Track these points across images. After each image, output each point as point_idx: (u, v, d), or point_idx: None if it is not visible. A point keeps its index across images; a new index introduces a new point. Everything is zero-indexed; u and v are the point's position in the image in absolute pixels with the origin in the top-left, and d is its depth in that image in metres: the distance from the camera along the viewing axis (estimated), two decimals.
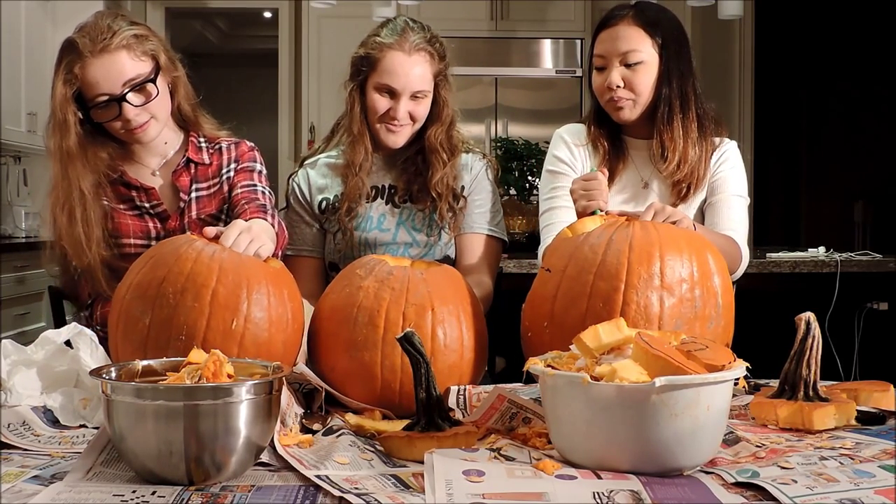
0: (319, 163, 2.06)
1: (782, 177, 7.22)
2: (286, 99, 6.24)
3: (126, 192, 1.86)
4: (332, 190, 2.02)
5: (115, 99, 1.74)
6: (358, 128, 1.96)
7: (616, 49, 1.86)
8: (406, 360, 1.17)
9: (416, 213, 1.99)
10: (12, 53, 4.54)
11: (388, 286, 1.33)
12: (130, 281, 1.32)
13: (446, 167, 1.96)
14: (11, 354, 1.31)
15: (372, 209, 2.00)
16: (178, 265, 1.29)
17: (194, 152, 1.91)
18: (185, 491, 0.95)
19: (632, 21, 1.87)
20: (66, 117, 1.74)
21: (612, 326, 1.09)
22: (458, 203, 1.99)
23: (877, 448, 1.08)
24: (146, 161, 1.90)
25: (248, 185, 1.88)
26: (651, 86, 1.88)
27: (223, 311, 1.27)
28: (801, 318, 1.23)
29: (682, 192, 1.92)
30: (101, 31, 1.72)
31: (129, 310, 1.29)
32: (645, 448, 0.98)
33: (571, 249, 1.36)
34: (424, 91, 1.92)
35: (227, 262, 1.31)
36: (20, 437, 1.17)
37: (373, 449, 1.11)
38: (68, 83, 1.73)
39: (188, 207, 1.87)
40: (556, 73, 5.91)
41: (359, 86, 1.96)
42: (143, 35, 1.77)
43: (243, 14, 7.49)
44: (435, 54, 1.94)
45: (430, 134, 1.97)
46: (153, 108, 1.78)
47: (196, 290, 1.27)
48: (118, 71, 1.73)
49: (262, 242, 1.43)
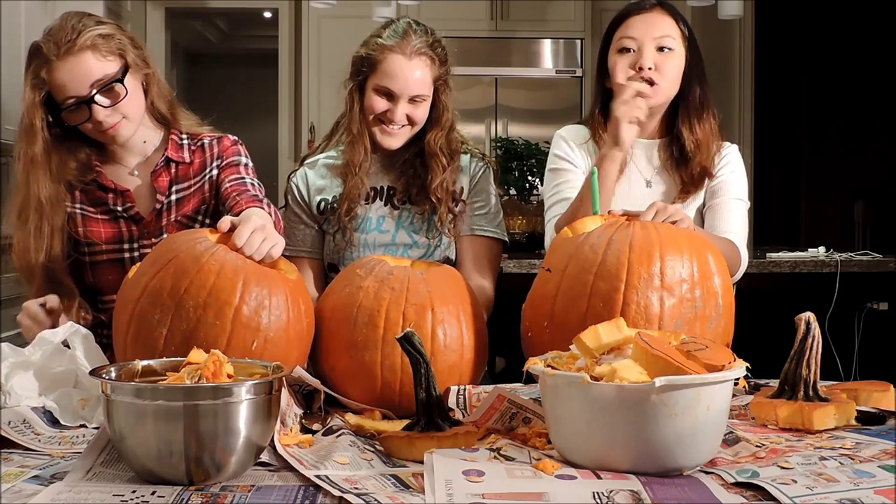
0: (319, 163, 2.05)
1: (782, 177, 7.22)
2: (286, 99, 6.24)
3: (101, 195, 1.83)
4: (331, 191, 2.01)
5: (84, 101, 1.71)
6: (357, 128, 1.96)
7: (651, 32, 1.87)
8: (406, 360, 1.17)
9: (415, 215, 1.99)
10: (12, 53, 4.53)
11: (388, 286, 1.33)
12: (145, 284, 1.29)
13: (445, 171, 1.96)
14: (9, 357, 1.31)
15: (371, 210, 1.99)
16: (199, 277, 1.26)
17: (175, 150, 1.87)
18: (185, 491, 0.95)
19: (663, 10, 1.90)
20: (32, 122, 1.72)
21: (611, 326, 1.09)
22: (457, 206, 1.99)
23: (877, 448, 1.08)
24: (125, 161, 1.87)
25: (236, 179, 1.85)
26: (678, 75, 1.89)
27: (244, 331, 1.26)
28: (801, 318, 1.23)
29: (689, 191, 1.94)
30: (66, 33, 1.70)
31: (145, 315, 1.27)
32: (645, 448, 0.98)
33: (572, 249, 1.36)
34: (423, 95, 1.92)
35: (251, 276, 1.29)
36: (21, 434, 1.17)
37: (373, 449, 1.11)
38: (36, 88, 1.72)
39: (167, 210, 1.84)
40: (556, 73, 5.90)
41: (358, 86, 1.96)
42: (109, 34, 1.74)
43: (243, 14, 7.48)
44: (436, 59, 1.94)
45: (429, 139, 1.96)
46: (124, 107, 1.75)
47: (219, 306, 1.25)
48: (84, 72, 1.70)
49: (275, 241, 1.41)
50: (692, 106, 1.92)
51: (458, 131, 2.03)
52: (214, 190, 1.88)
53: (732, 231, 1.89)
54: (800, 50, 6.99)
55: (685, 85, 1.91)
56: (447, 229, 1.98)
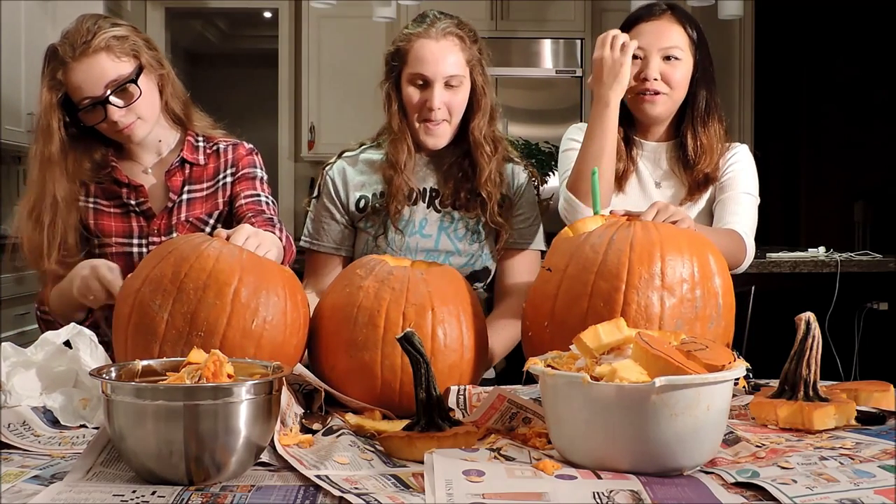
0: (360, 158, 1.98)
1: (782, 177, 7.22)
2: (286, 99, 6.24)
3: (115, 189, 1.87)
4: (371, 188, 1.94)
5: (99, 101, 1.75)
6: (398, 125, 1.90)
7: (658, 43, 1.87)
8: (406, 360, 1.17)
9: (459, 221, 1.92)
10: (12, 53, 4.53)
11: (389, 286, 1.33)
12: (146, 275, 1.31)
13: (492, 162, 1.89)
14: (11, 356, 1.31)
15: (415, 213, 1.93)
16: (199, 262, 1.29)
17: (190, 151, 1.90)
18: (185, 491, 0.95)
19: (672, 17, 1.90)
20: (49, 123, 1.76)
21: (612, 326, 1.09)
22: (505, 203, 1.92)
23: (877, 448, 1.08)
24: (141, 159, 1.90)
25: (252, 197, 1.88)
26: (685, 83, 1.90)
27: (244, 311, 1.27)
28: (801, 318, 1.23)
29: (695, 194, 1.95)
30: (81, 35, 1.73)
31: (145, 303, 1.28)
32: (645, 448, 0.98)
33: (572, 249, 1.36)
34: (458, 76, 1.86)
35: (248, 263, 1.32)
36: (20, 437, 1.17)
37: (373, 449, 1.11)
38: (53, 89, 1.75)
39: (178, 208, 1.87)
40: (556, 73, 5.91)
41: (394, 83, 1.90)
42: (124, 35, 1.77)
43: (243, 14, 7.48)
44: (465, 38, 1.88)
45: (472, 128, 1.90)
46: (138, 108, 1.78)
47: (219, 287, 1.27)
48: (99, 73, 1.73)
49: (268, 249, 1.46)
50: (696, 112, 1.92)
51: (505, 136, 1.97)
52: (228, 199, 1.90)
53: (738, 222, 1.89)
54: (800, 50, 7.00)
55: (692, 91, 1.91)
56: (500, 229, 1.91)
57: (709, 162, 1.92)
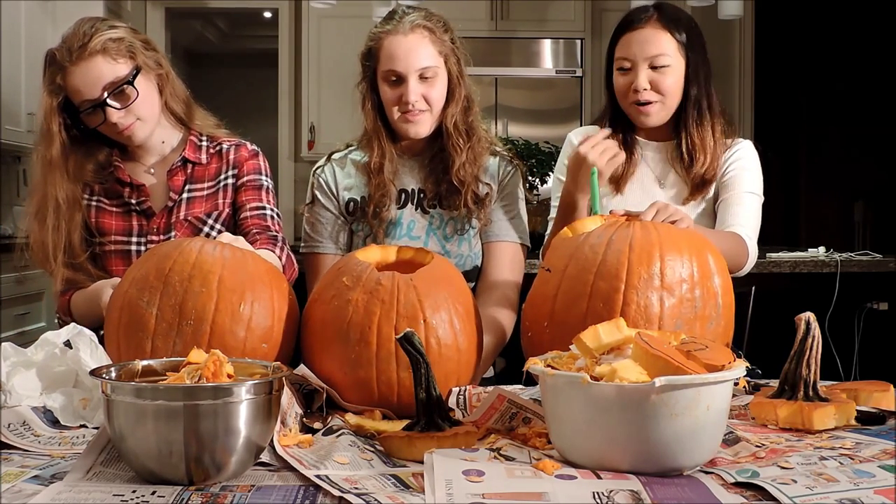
0: (348, 160, 1.99)
1: (782, 177, 7.22)
2: (286, 99, 6.24)
3: (118, 188, 1.88)
4: (359, 190, 1.95)
5: (97, 104, 1.76)
6: (371, 124, 1.91)
7: (643, 52, 1.86)
8: (403, 374, 1.16)
9: (447, 221, 1.93)
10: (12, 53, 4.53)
11: (378, 298, 1.28)
12: (133, 276, 1.33)
13: (463, 152, 1.88)
14: (11, 356, 1.31)
15: (402, 215, 1.93)
16: (182, 256, 1.32)
17: (192, 151, 1.91)
18: (185, 491, 0.95)
19: (657, 23, 1.87)
20: (50, 127, 1.78)
21: (611, 326, 1.09)
22: (482, 192, 1.91)
23: (877, 448, 1.08)
24: (144, 159, 1.92)
25: (257, 210, 1.88)
26: (678, 88, 1.89)
27: (231, 295, 1.29)
28: (801, 318, 1.23)
29: (696, 193, 1.94)
30: (78, 39, 1.75)
31: (133, 302, 1.30)
32: (645, 448, 0.98)
33: (572, 249, 1.36)
34: (432, 68, 1.85)
35: (229, 255, 1.34)
36: (20, 437, 1.17)
37: (373, 449, 1.11)
38: (53, 94, 1.77)
39: (177, 207, 1.88)
40: (556, 73, 5.91)
41: (369, 83, 1.91)
42: (120, 37, 1.78)
43: (243, 14, 7.49)
44: (435, 29, 1.87)
45: (445, 115, 1.89)
46: (137, 109, 1.79)
47: (203, 276, 1.29)
48: (95, 76, 1.75)
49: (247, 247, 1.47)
50: (690, 112, 1.91)
51: (480, 121, 1.96)
52: (231, 204, 1.90)
53: (740, 224, 1.88)
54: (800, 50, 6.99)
55: (686, 91, 1.90)
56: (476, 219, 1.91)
57: (704, 162, 1.91)
